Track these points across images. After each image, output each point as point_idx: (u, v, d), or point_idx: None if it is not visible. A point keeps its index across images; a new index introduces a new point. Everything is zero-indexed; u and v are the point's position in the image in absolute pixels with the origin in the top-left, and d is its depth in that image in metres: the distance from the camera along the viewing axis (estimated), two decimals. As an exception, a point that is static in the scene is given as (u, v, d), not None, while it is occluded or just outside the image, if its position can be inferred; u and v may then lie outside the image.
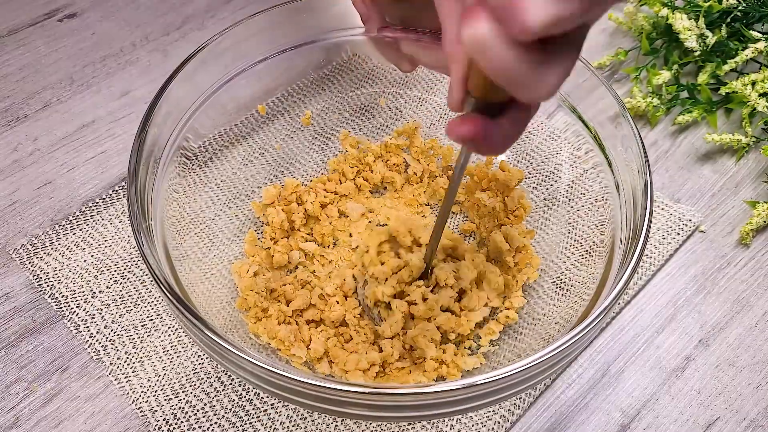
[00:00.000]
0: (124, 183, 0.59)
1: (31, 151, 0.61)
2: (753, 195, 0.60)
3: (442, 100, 0.60)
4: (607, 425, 0.48)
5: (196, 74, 0.50)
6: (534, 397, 0.49)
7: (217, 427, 0.47)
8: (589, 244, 0.49)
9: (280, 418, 0.47)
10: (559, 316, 0.47)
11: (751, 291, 0.54)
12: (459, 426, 0.47)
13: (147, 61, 0.68)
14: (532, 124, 0.57)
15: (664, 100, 0.64)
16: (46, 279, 0.53)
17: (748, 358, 0.51)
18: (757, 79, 0.61)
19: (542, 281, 0.52)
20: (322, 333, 0.49)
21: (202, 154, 0.53)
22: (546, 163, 0.56)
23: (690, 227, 0.57)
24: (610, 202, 0.49)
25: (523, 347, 0.48)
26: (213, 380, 0.49)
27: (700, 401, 0.49)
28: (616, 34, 0.71)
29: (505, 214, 0.54)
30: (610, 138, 0.49)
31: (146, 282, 0.53)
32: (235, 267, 0.52)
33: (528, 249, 0.52)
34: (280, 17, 0.53)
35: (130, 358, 0.50)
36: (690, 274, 0.55)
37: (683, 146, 0.63)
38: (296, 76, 0.58)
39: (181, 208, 0.50)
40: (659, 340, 0.52)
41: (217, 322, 0.46)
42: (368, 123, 0.61)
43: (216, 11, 0.72)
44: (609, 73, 0.68)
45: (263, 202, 0.55)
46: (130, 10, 0.72)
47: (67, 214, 0.57)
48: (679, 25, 0.64)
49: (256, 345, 0.47)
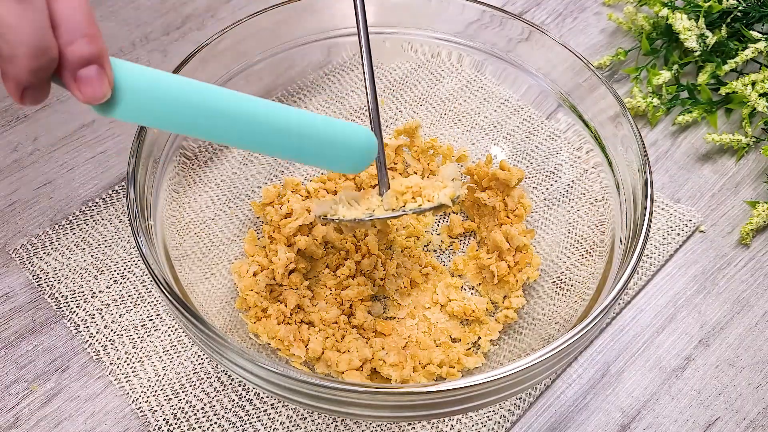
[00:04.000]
0: (124, 183, 0.59)
1: (31, 151, 0.61)
2: (753, 195, 0.60)
3: (442, 100, 0.60)
4: (607, 425, 0.48)
5: (196, 74, 0.50)
6: (534, 397, 0.49)
7: (217, 427, 0.47)
8: (589, 244, 0.49)
9: (280, 418, 0.47)
10: (559, 316, 0.47)
11: (751, 291, 0.54)
12: (459, 426, 0.47)
13: (147, 60, 0.68)
14: (532, 124, 0.57)
15: (664, 100, 0.64)
16: (46, 279, 0.53)
17: (748, 358, 0.51)
18: (757, 79, 0.61)
19: (542, 281, 0.52)
20: (320, 333, 0.49)
21: (202, 154, 0.53)
22: (546, 162, 0.56)
23: (690, 227, 0.57)
24: (611, 202, 0.49)
25: (523, 347, 0.48)
26: (213, 380, 0.49)
27: (700, 401, 0.49)
28: (616, 34, 0.71)
29: (505, 213, 0.54)
30: (610, 138, 0.49)
31: (146, 282, 0.53)
32: (235, 267, 0.52)
33: (528, 248, 0.52)
34: (280, 17, 0.53)
35: (130, 358, 0.50)
36: (690, 274, 0.55)
37: (683, 146, 0.63)
38: (296, 76, 0.58)
39: (180, 208, 0.50)
40: (659, 340, 0.52)
41: (217, 322, 0.46)
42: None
43: (216, 11, 0.72)
44: (609, 73, 0.68)
45: (263, 202, 0.55)
46: (130, 10, 0.72)
47: (66, 214, 0.57)
48: (679, 25, 0.64)
49: (256, 345, 0.47)
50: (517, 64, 0.55)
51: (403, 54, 0.58)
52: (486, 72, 0.57)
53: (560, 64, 0.52)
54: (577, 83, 0.51)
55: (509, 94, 0.58)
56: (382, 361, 0.47)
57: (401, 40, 0.57)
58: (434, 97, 0.61)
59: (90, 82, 0.29)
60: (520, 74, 0.55)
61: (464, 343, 0.50)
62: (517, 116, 0.59)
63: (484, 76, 0.58)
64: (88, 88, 0.29)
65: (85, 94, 0.29)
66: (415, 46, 0.58)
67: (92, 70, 0.29)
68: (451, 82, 0.60)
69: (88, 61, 0.29)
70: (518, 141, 0.58)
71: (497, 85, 0.58)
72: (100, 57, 0.29)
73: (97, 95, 0.30)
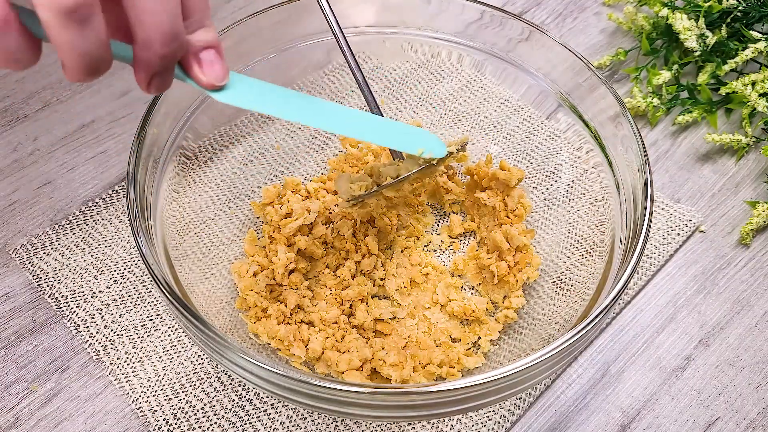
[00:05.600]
0: (124, 183, 0.59)
1: (31, 151, 0.61)
2: (753, 195, 0.60)
3: (442, 100, 0.60)
4: (607, 425, 0.48)
5: (196, 74, 0.50)
6: (534, 397, 0.49)
7: (217, 427, 0.47)
8: (589, 244, 0.49)
9: (280, 418, 0.47)
10: (559, 316, 0.47)
11: (751, 291, 0.54)
12: (459, 426, 0.47)
13: (147, 61, 0.68)
14: (532, 124, 0.57)
15: (664, 100, 0.64)
16: (46, 279, 0.53)
17: (748, 358, 0.51)
18: (757, 79, 0.61)
19: (542, 281, 0.52)
20: (320, 333, 0.49)
21: (202, 154, 0.53)
22: (546, 162, 0.56)
23: (690, 227, 0.57)
24: (611, 202, 0.49)
25: (523, 347, 0.48)
26: (213, 380, 0.49)
27: (700, 401, 0.49)
28: (616, 34, 0.71)
29: (505, 213, 0.54)
30: (610, 138, 0.49)
31: (146, 282, 0.53)
32: (235, 267, 0.52)
33: (528, 248, 0.52)
34: (280, 17, 0.53)
35: (130, 358, 0.50)
36: (690, 274, 0.55)
37: (683, 146, 0.63)
38: (296, 76, 0.58)
39: (180, 208, 0.50)
40: (659, 340, 0.52)
41: (217, 322, 0.46)
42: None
43: (216, 11, 0.72)
44: (609, 73, 0.68)
45: (263, 202, 0.55)
46: (130, 10, 0.72)
47: (66, 214, 0.57)
48: (679, 25, 0.64)
49: (256, 345, 0.47)
50: (517, 64, 0.55)
51: (403, 54, 0.58)
52: (486, 72, 0.57)
53: (560, 64, 0.52)
54: (577, 83, 0.51)
55: (509, 94, 0.58)
56: (382, 361, 0.47)
57: (401, 40, 0.57)
58: (434, 97, 0.61)
59: (212, 65, 0.32)
60: (520, 74, 0.55)
61: (464, 343, 0.50)
62: (517, 116, 0.59)
63: (484, 76, 0.58)
64: (211, 70, 0.32)
65: (208, 75, 0.32)
66: (415, 46, 0.58)
67: (212, 54, 0.32)
68: (451, 82, 0.60)
69: (209, 46, 0.32)
70: (518, 141, 0.58)
71: (497, 85, 0.58)
72: (217, 44, 0.33)
73: (219, 76, 0.33)
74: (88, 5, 0.27)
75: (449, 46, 0.57)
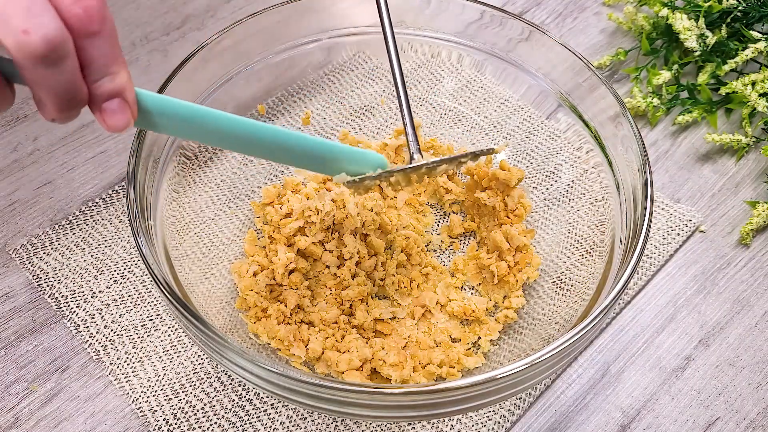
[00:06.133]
0: (124, 183, 0.59)
1: (31, 151, 0.61)
2: (753, 195, 0.60)
3: (442, 100, 0.60)
4: (607, 425, 0.48)
5: (196, 74, 0.50)
6: (534, 397, 0.49)
7: (217, 427, 0.47)
8: (589, 244, 0.49)
9: (280, 418, 0.47)
10: (559, 316, 0.47)
11: (751, 291, 0.54)
12: (459, 426, 0.47)
13: (147, 60, 0.68)
14: (532, 124, 0.57)
15: (664, 100, 0.64)
16: (46, 279, 0.53)
17: (748, 358, 0.51)
18: (757, 79, 0.61)
19: (542, 281, 0.52)
20: (320, 333, 0.49)
21: (202, 154, 0.53)
22: (546, 162, 0.56)
23: (690, 227, 0.57)
24: (611, 202, 0.49)
25: (523, 347, 0.48)
26: (213, 380, 0.49)
27: (700, 401, 0.49)
28: (616, 34, 0.71)
29: (505, 213, 0.54)
30: (610, 138, 0.49)
31: (146, 282, 0.53)
32: (235, 267, 0.52)
33: (528, 248, 0.52)
34: (280, 17, 0.53)
35: (130, 358, 0.50)
36: (690, 274, 0.55)
37: (683, 146, 0.63)
38: (296, 76, 0.58)
39: (180, 208, 0.50)
40: (659, 340, 0.52)
41: (217, 322, 0.46)
42: (368, 123, 0.61)
43: (216, 11, 0.72)
44: (609, 73, 0.68)
45: (263, 202, 0.55)
46: (130, 9, 0.72)
47: (66, 214, 0.57)
48: (679, 25, 0.64)
49: (256, 345, 0.47)
50: (517, 64, 0.55)
51: (403, 54, 0.58)
52: (486, 72, 0.57)
53: (560, 64, 0.52)
54: (577, 83, 0.51)
55: (509, 94, 0.58)
56: (382, 361, 0.47)
57: (401, 40, 0.57)
58: (434, 97, 0.61)
59: (113, 114, 0.33)
60: (520, 74, 0.55)
61: (464, 343, 0.50)
62: (517, 116, 0.59)
63: (484, 76, 0.58)
64: (112, 119, 0.33)
65: (110, 124, 0.33)
66: (415, 46, 0.58)
67: (115, 103, 0.32)
68: (451, 82, 0.60)
69: (111, 95, 0.32)
70: (518, 141, 0.58)
71: (497, 85, 0.58)
72: (122, 91, 0.32)
73: (119, 125, 0.33)
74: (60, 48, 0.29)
75: (449, 46, 0.57)
